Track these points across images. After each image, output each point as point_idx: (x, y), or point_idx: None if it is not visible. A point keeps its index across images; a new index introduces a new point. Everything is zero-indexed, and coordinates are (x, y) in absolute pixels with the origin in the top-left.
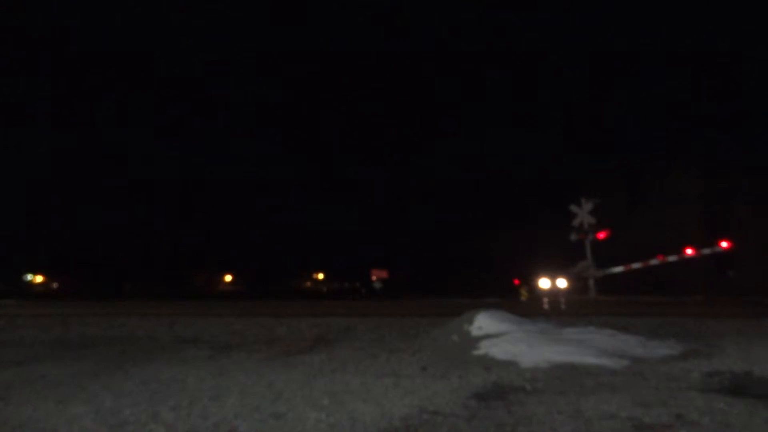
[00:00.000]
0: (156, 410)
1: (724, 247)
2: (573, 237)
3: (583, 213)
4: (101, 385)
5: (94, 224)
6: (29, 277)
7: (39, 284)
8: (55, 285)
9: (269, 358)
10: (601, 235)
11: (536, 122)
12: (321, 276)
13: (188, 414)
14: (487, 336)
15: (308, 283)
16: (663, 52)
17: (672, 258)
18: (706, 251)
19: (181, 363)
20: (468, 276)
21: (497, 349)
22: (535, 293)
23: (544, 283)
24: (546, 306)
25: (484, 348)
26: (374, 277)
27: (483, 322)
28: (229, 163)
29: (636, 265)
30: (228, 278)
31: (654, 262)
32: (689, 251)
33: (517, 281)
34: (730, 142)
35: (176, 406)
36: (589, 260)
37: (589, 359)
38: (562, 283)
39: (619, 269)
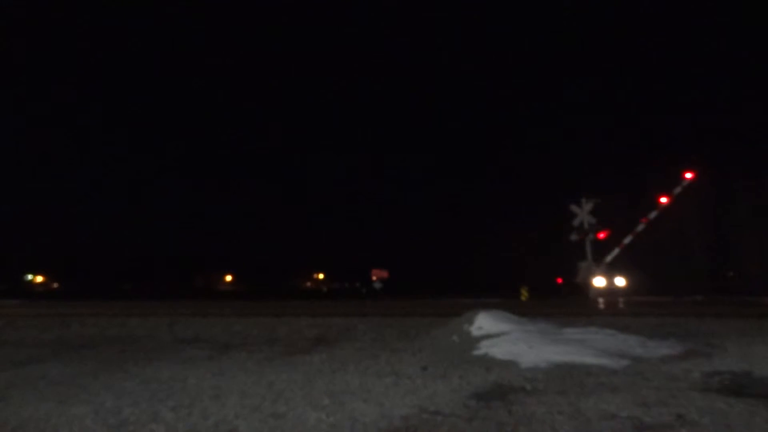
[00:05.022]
0: (156, 410)
1: (689, 178)
2: (573, 237)
3: (583, 213)
4: (101, 385)
5: (94, 224)
6: (29, 277)
7: (39, 284)
8: (55, 285)
9: (270, 358)
10: (601, 235)
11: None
12: (321, 276)
13: (188, 414)
14: (487, 336)
15: (308, 283)
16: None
17: (653, 214)
18: (677, 190)
19: (181, 363)
20: (469, 276)
21: (497, 349)
22: (588, 292)
23: (599, 281)
24: (601, 305)
25: (484, 348)
26: (374, 277)
27: (483, 322)
28: (228, 163)
29: (627, 240)
30: (228, 278)
31: (640, 227)
32: (663, 199)
33: (560, 280)
34: (729, 144)
35: (176, 406)
36: (589, 260)
37: (589, 359)
38: (620, 281)
39: (615, 252)
